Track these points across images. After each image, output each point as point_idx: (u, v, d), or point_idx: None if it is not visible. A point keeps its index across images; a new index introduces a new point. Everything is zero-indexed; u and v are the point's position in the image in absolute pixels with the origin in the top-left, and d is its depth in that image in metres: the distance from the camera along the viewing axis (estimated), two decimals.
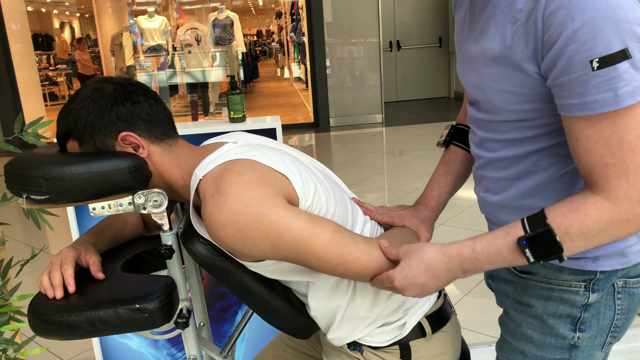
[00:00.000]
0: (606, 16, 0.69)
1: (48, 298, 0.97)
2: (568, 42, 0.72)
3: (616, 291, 0.92)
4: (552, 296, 0.94)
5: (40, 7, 14.95)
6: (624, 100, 0.71)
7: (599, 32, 0.70)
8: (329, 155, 5.81)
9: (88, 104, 0.97)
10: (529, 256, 0.79)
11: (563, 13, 0.72)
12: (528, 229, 0.79)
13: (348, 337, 1.03)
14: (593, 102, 0.73)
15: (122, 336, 2.01)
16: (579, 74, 0.72)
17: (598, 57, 0.70)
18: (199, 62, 7.75)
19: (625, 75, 0.70)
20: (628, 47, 0.70)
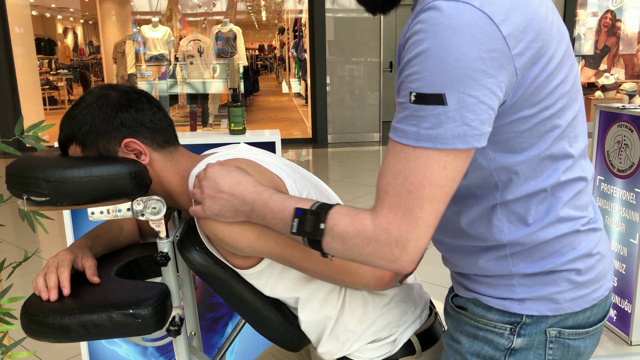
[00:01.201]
0: (438, 56, 0.69)
1: (42, 300, 0.97)
2: (405, 67, 0.73)
3: (548, 340, 0.86)
4: (479, 335, 0.90)
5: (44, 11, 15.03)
6: (423, 140, 0.71)
7: (424, 68, 0.70)
8: (325, 171, 5.82)
9: (93, 110, 0.99)
10: (293, 225, 0.80)
11: (412, 41, 0.72)
12: (314, 206, 0.80)
13: (338, 351, 1.03)
14: (400, 130, 0.73)
15: (110, 343, 2.00)
16: (402, 100, 0.73)
17: (416, 91, 0.70)
18: (200, 74, 7.79)
19: (433, 119, 0.70)
20: (445, 93, 0.69)
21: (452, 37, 0.68)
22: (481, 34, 0.69)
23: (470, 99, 0.70)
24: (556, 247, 0.84)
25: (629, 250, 2.39)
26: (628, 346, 2.43)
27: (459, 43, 0.68)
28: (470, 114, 0.70)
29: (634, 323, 2.40)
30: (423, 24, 0.71)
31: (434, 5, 0.70)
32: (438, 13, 0.69)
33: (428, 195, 0.72)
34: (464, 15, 0.69)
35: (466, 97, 0.69)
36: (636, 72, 7.85)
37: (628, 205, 2.37)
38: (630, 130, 2.35)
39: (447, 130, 0.70)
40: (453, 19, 0.69)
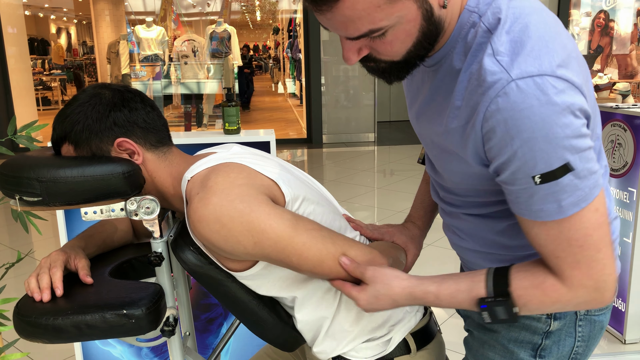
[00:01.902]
0: (543, 136, 0.70)
1: (35, 300, 0.97)
2: (510, 159, 0.73)
3: (578, 319, 0.93)
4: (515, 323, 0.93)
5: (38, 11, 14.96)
6: (568, 210, 0.73)
7: (537, 152, 0.71)
8: (320, 172, 5.82)
9: (86, 109, 0.98)
10: (485, 317, 0.83)
11: (501, 132, 0.72)
12: (491, 291, 0.82)
13: (333, 351, 1.03)
14: (538, 211, 0.75)
15: (104, 344, 1.99)
16: (523, 186, 0.74)
17: (540, 173, 0.72)
18: (195, 74, 7.77)
19: (568, 187, 0.72)
20: (569, 161, 0.71)
21: (549, 113, 0.69)
22: (568, 97, 0.70)
23: (586, 152, 0.72)
24: None
25: (623, 250, 2.40)
26: (622, 345, 2.44)
27: (557, 115, 0.70)
28: (590, 163, 0.73)
29: (628, 322, 2.41)
30: (509, 111, 0.71)
31: (512, 89, 0.70)
32: (521, 95, 0.70)
33: (598, 238, 0.75)
34: (547, 88, 0.70)
35: (583, 152, 0.72)
36: (629, 72, 7.89)
37: (621, 204, 2.38)
38: (624, 130, 2.36)
39: (584, 187, 0.73)
40: (540, 96, 0.69)
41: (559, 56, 0.72)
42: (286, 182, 0.96)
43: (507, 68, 0.71)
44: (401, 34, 0.76)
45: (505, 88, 0.71)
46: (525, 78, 0.70)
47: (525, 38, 0.73)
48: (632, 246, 2.33)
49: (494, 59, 0.73)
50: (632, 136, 2.31)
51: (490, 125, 0.73)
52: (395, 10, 0.72)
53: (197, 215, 0.87)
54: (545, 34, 0.74)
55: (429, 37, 0.78)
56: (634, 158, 2.30)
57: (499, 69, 0.72)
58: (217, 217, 0.86)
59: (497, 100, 0.71)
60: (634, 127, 2.30)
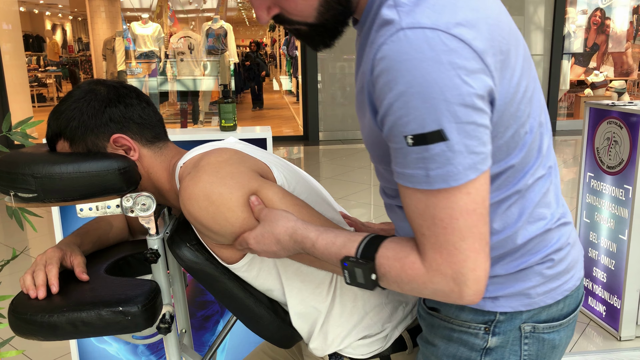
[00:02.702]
0: (420, 93, 0.65)
1: (30, 298, 0.96)
2: (387, 112, 0.69)
3: (523, 336, 0.86)
4: (453, 337, 0.89)
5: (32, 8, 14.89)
6: (435, 182, 0.68)
7: (411, 109, 0.66)
8: (317, 169, 5.82)
9: (81, 105, 0.97)
10: (346, 277, 0.79)
11: (383, 81, 0.68)
12: (359, 253, 0.78)
13: (329, 347, 1.03)
14: (409, 175, 0.70)
15: (100, 341, 1.98)
16: (398, 145, 0.70)
17: (411, 134, 0.67)
18: (191, 71, 7.75)
19: (438, 157, 0.67)
20: (443, 128, 0.65)
21: (431, 70, 0.64)
22: (459, 58, 0.65)
23: (468, 126, 0.67)
24: (529, 247, 0.83)
25: (618, 247, 2.40)
26: (617, 342, 2.45)
27: (441, 74, 0.64)
28: (472, 141, 0.67)
29: (623, 319, 2.42)
30: (392, 60, 0.66)
31: (398, 38, 0.66)
32: (407, 45, 0.65)
33: (464, 225, 0.69)
34: (435, 42, 0.65)
35: (464, 125, 0.66)
36: (625, 69, 7.91)
37: (617, 201, 2.39)
38: (620, 127, 2.36)
39: (457, 164, 0.67)
40: (425, 49, 0.65)
41: (463, 15, 0.67)
42: (279, 169, 0.97)
43: (401, 16, 0.67)
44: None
45: (393, 36, 0.66)
46: (415, 28, 0.65)
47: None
48: (628, 243, 2.34)
49: (392, 8, 0.69)
50: (628, 134, 2.31)
51: (377, 72, 0.69)
52: None
53: (187, 193, 0.87)
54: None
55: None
56: (629, 155, 2.30)
57: (393, 16, 0.68)
58: (207, 194, 0.86)
59: (383, 47, 0.67)
60: (630, 124, 2.30)
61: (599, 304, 2.59)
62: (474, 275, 0.71)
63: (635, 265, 2.35)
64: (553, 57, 7.44)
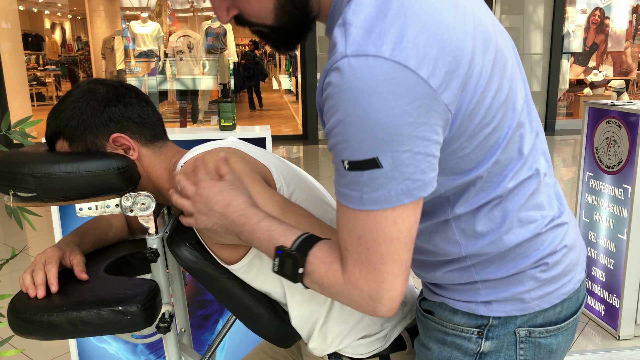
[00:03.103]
0: (356, 122, 0.65)
1: (29, 297, 0.96)
2: (328, 134, 0.70)
3: (519, 341, 0.85)
4: (447, 341, 0.88)
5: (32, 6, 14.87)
6: (368, 204, 0.69)
7: (349, 137, 0.66)
8: (316, 168, 5.82)
9: (80, 105, 0.97)
10: (275, 265, 0.79)
11: (328, 106, 0.68)
12: (294, 245, 0.79)
13: (329, 347, 1.03)
14: (344, 194, 0.71)
15: (100, 340, 1.98)
16: (337, 166, 0.71)
17: (348, 159, 0.68)
18: (190, 70, 7.75)
19: (372, 182, 0.68)
20: (378, 156, 0.66)
21: (369, 100, 0.64)
22: (400, 87, 0.64)
23: (404, 154, 0.66)
24: (519, 251, 0.82)
25: (617, 246, 2.41)
26: (616, 341, 2.45)
27: (379, 105, 0.64)
28: (408, 168, 0.67)
29: (622, 318, 2.42)
30: (335, 87, 0.66)
31: (342, 66, 0.65)
32: (349, 74, 0.64)
33: (386, 250, 0.71)
34: (377, 71, 0.63)
35: (400, 154, 0.66)
36: (624, 69, 7.91)
37: (616, 201, 2.39)
38: (619, 127, 2.36)
39: (390, 190, 0.68)
40: (366, 79, 0.63)
41: (411, 38, 0.64)
42: (279, 171, 0.97)
43: (347, 42, 0.65)
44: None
45: (338, 62, 0.65)
46: (359, 56, 0.64)
47: (380, 13, 0.66)
48: (627, 243, 2.34)
49: (342, 30, 0.67)
50: (627, 133, 2.31)
51: (324, 96, 0.69)
52: None
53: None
54: (408, 10, 0.66)
55: (291, 0, 0.76)
56: (628, 155, 2.30)
57: (341, 41, 0.66)
58: None
59: (330, 73, 0.67)
60: (629, 124, 2.30)
61: (597, 303, 2.59)
62: (389, 295, 0.73)
63: (634, 265, 2.36)
64: (552, 57, 7.44)
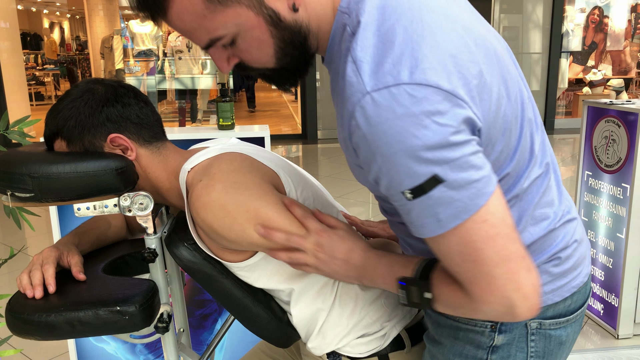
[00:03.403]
0: (403, 151, 0.64)
1: (27, 297, 0.96)
2: (378, 176, 0.69)
3: (530, 333, 0.86)
4: (460, 335, 0.89)
5: (30, 6, 14.85)
6: (448, 223, 0.68)
7: (400, 167, 0.65)
8: (315, 167, 5.82)
9: (78, 104, 0.97)
10: (400, 296, 0.80)
11: (364, 150, 0.68)
12: (417, 274, 0.79)
13: (328, 346, 1.03)
14: (420, 227, 0.70)
15: (98, 340, 1.98)
16: (399, 203, 0.70)
17: (408, 189, 0.67)
18: (189, 69, 7.74)
19: (442, 200, 0.66)
20: (436, 173, 0.65)
21: (405, 125, 0.63)
22: (430, 105, 0.64)
23: (458, 161, 0.66)
24: (534, 248, 0.83)
25: (616, 245, 2.41)
26: (615, 340, 2.45)
27: (416, 126, 0.63)
28: (468, 171, 0.66)
29: (621, 317, 2.42)
30: (365, 127, 0.66)
31: (365, 104, 0.65)
32: (376, 109, 0.64)
33: (492, 252, 0.68)
34: (402, 98, 0.64)
35: (455, 162, 0.65)
36: (623, 68, 7.91)
37: (615, 200, 2.39)
38: (618, 126, 2.36)
39: (462, 198, 0.66)
40: (395, 108, 0.64)
41: (425, 59, 0.65)
42: (286, 173, 0.96)
43: (363, 79, 0.66)
44: (251, 41, 0.74)
45: (361, 102, 0.66)
46: (380, 90, 0.64)
47: (388, 42, 0.67)
48: (626, 242, 2.34)
49: (354, 66, 0.68)
50: (626, 132, 2.31)
51: (355, 141, 0.69)
52: (227, 19, 0.71)
53: (201, 202, 0.86)
54: (414, 34, 0.67)
55: (289, 42, 0.75)
56: (627, 154, 2.30)
57: (356, 79, 0.67)
58: (222, 204, 0.85)
59: (355, 115, 0.67)
60: (628, 123, 2.30)
61: (596, 302, 2.59)
62: (519, 295, 0.70)
63: (633, 264, 2.36)
64: (551, 56, 7.44)
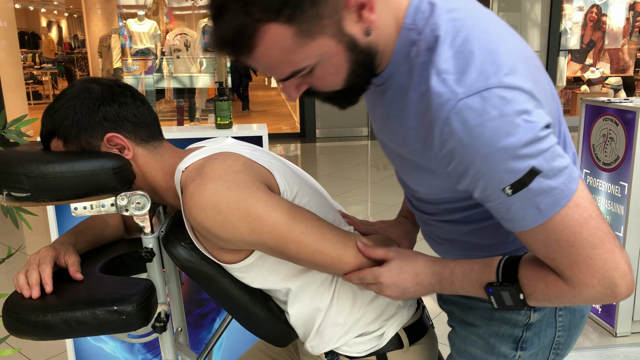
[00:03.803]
0: (501, 149, 0.69)
1: (24, 297, 0.96)
2: (475, 178, 0.73)
3: (558, 309, 0.94)
4: (495, 316, 0.95)
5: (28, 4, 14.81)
6: (549, 211, 0.72)
7: (500, 165, 0.70)
8: (314, 166, 5.82)
9: (75, 104, 0.97)
10: (493, 302, 0.83)
11: (460, 155, 0.72)
12: (500, 277, 0.82)
13: (326, 345, 1.03)
14: (521, 220, 0.74)
15: (96, 339, 1.98)
16: (497, 201, 0.73)
17: (508, 185, 0.71)
18: (187, 68, 7.72)
19: (541, 190, 0.70)
20: (534, 165, 0.69)
21: (501, 125, 0.68)
22: (518, 105, 0.69)
23: (548, 152, 0.70)
24: None
25: None
26: (613, 337, 2.46)
27: (510, 125, 0.68)
28: (558, 160, 0.71)
29: (619, 315, 2.43)
30: (462, 131, 0.70)
31: (460, 110, 0.69)
32: (471, 113, 0.69)
33: (588, 234, 0.72)
34: (494, 100, 0.69)
35: (546, 153, 0.70)
36: (621, 66, 7.92)
37: (613, 198, 2.39)
38: (616, 124, 2.36)
39: (560, 185, 0.71)
40: (489, 110, 0.68)
41: (504, 64, 0.71)
42: (281, 173, 0.96)
43: (453, 87, 0.70)
44: (329, 68, 0.76)
45: (454, 108, 0.70)
46: (472, 95, 0.69)
47: (467, 52, 0.71)
48: (624, 240, 2.34)
49: (439, 78, 0.71)
50: (624, 130, 2.32)
51: (448, 148, 0.72)
52: (312, 51, 0.73)
53: (193, 201, 0.87)
54: (488, 43, 0.72)
55: (362, 64, 0.78)
56: (625, 152, 2.31)
57: (445, 89, 0.71)
58: (214, 202, 0.85)
59: (449, 122, 0.70)
60: (626, 121, 2.31)
61: None
62: (619, 274, 0.73)
63: (631, 262, 2.36)
64: (549, 54, 7.44)
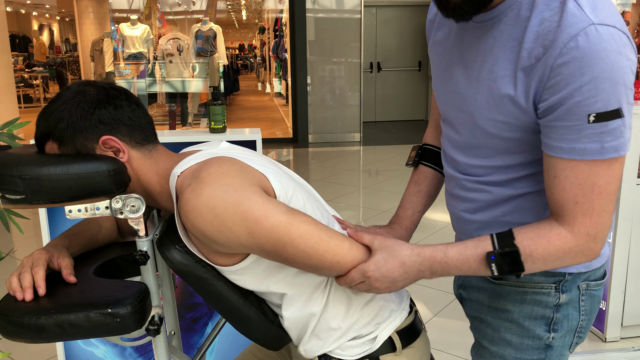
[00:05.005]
0: (609, 78, 0.78)
1: (17, 300, 0.95)
2: (573, 94, 0.80)
3: (581, 293, 1.02)
4: (526, 299, 1.02)
5: (19, 8, 14.74)
6: (608, 153, 0.81)
7: (601, 91, 0.79)
8: (306, 171, 5.82)
9: (70, 106, 0.97)
10: (494, 270, 0.88)
11: (574, 67, 0.80)
12: (497, 246, 0.88)
13: (319, 349, 1.03)
14: (581, 149, 0.82)
15: (87, 344, 1.97)
16: (575, 123, 0.81)
17: (596, 112, 0.80)
18: (180, 72, 7.72)
19: (615, 131, 0.80)
20: (622, 107, 0.80)
21: (616, 59, 0.79)
22: (629, 52, 0.81)
23: (630, 106, 0.82)
24: None
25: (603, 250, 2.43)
26: (603, 343, 2.48)
27: (621, 63, 0.79)
28: (630, 117, 0.82)
29: (608, 320, 2.45)
30: (585, 49, 0.79)
31: (590, 31, 0.79)
32: (598, 38, 0.79)
33: (612, 191, 0.84)
34: (617, 37, 0.80)
35: (629, 106, 0.82)
36: None
37: None
38: None
39: (626, 137, 0.82)
40: (612, 43, 0.79)
41: (619, 16, 0.82)
42: (276, 177, 0.96)
43: (588, 14, 0.80)
44: None
45: (586, 29, 0.79)
46: (603, 25, 0.79)
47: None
48: (613, 246, 2.36)
49: (576, 4, 0.82)
50: None
51: (565, 59, 0.80)
52: None
53: (190, 205, 0.87)
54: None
55: None
56: None
57: (580, 13, 0.81)
58: (211, 207, 0.86)
59: (577, 38, 0.80)
60: None
61: None
62: (606, 232, 0.86)
63: (620, 268, 2.38)
64: None
